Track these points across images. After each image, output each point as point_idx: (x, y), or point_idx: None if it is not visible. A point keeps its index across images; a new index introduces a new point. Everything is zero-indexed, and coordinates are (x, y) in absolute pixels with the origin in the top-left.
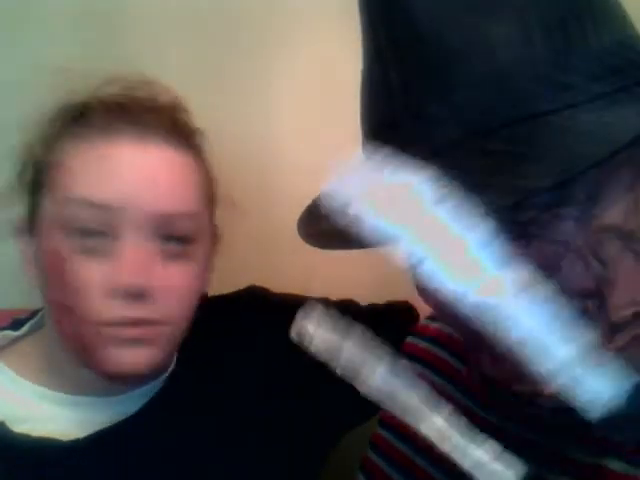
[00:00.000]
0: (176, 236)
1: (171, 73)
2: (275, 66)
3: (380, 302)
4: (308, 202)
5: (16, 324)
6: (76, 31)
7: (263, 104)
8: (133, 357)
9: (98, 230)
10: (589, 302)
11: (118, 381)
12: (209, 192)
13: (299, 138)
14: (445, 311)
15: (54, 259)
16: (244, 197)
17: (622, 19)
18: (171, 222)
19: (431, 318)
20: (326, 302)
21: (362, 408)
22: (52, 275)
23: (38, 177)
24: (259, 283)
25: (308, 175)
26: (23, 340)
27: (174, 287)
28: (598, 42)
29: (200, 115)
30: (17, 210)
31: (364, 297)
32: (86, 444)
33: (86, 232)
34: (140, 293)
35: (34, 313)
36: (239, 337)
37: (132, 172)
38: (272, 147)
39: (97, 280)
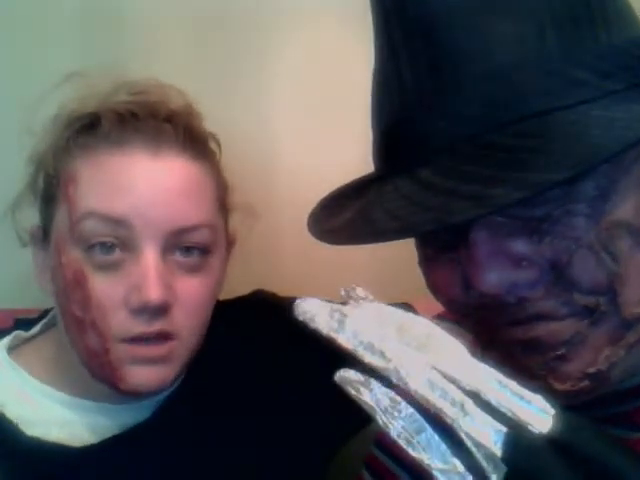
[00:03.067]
0: (193, 248)
1: (172, 74)
2: (278, 67)
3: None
4: (311, 203)
5: (26, 324)
6: (76, 33)
7: (264, 106)
8: (149, 375)
9: (116, 245)
10: (600, 299)
11: (130, 397)
12: (223, 199)
13: (301, 140)
14: (456, 308)
15: (72, 274)
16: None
17: (633, 18)
18: (188, 235)
19: (439, 317)
20: None
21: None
22: (70, 290)
23: (50, 189)
24: (262, 286)
25: (311, 176)
26: (35, 341)
27: (191, 300)
28: (609, 40)
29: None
30: (23, 217)
31: None
32: (98, 450)
33: (104, 248)
34: (161, 309)
35: (44, 313)
36: (246, 341)
37: (148, 186)
38: (274, 149)
39: (117, 296)
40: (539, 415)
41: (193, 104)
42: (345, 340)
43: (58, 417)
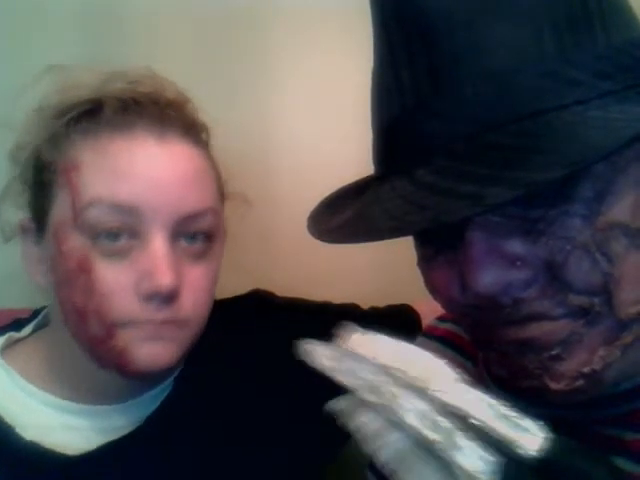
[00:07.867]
0: (198, 235)
1: (173, 74)
2: (278, 66)
3: (381, 304)
4: (312, 202)
5: (17, 325)
6: (77, 31)
7: (264, 105)
8: (156, 352)
9: (122, 232)
10: (596, 299)
11: (137, 378)
12: (221, 188)
13: (301, 140)
14: (454, 308)
15: (75, 262)
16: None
17: (632, 19)
18: (194, 221)
19: (440, 319)
20: (328, 306)
21: None
22: (74, 278)
23: (46, 177)
24: (260, 285)
25: (311, 175)
26: (27, 342)
27: (198, 287)
28: (607, 41)
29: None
30: (13, 210)
31: (366, 299)
32: (97, 455)
33: (110, 235)
34: (171, 295)
35: (35, 313)
36: (244, 340)
37: (155, 171)
38: (274, 149)
39: (125, 283)
40: (529, 438)
41: (187, 94)
42: (344, 379)
43: (51, 421)
